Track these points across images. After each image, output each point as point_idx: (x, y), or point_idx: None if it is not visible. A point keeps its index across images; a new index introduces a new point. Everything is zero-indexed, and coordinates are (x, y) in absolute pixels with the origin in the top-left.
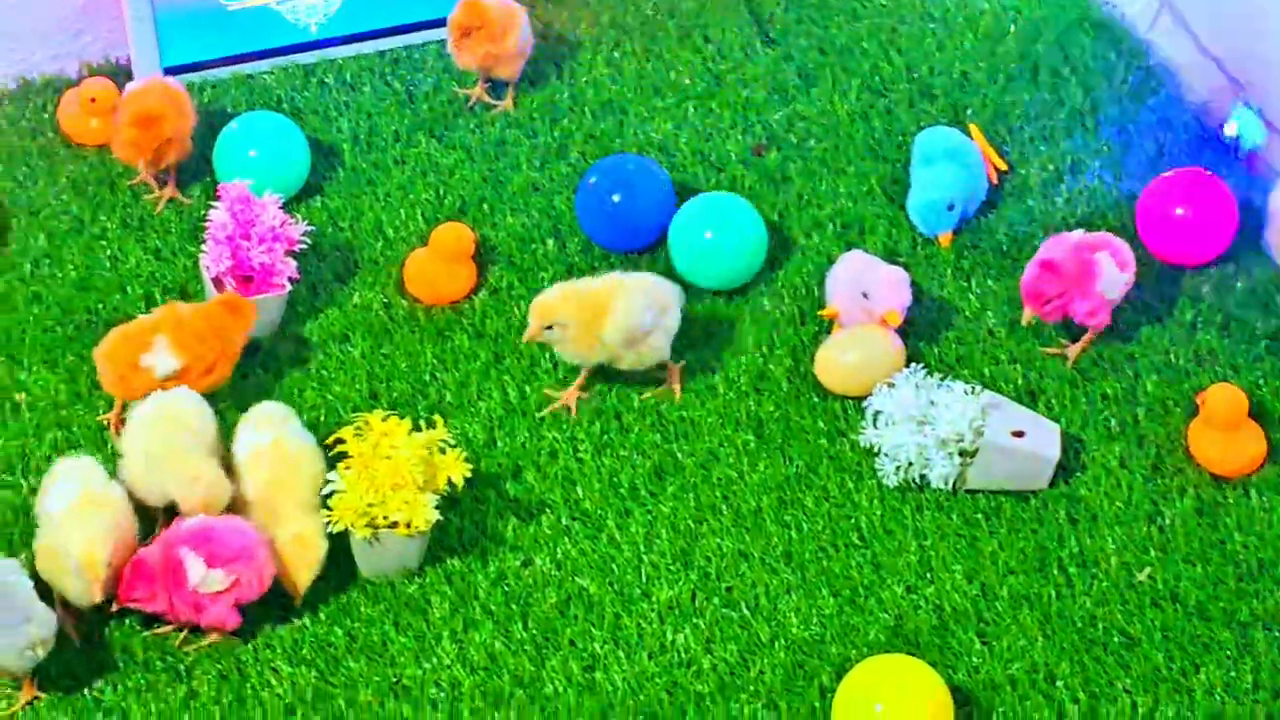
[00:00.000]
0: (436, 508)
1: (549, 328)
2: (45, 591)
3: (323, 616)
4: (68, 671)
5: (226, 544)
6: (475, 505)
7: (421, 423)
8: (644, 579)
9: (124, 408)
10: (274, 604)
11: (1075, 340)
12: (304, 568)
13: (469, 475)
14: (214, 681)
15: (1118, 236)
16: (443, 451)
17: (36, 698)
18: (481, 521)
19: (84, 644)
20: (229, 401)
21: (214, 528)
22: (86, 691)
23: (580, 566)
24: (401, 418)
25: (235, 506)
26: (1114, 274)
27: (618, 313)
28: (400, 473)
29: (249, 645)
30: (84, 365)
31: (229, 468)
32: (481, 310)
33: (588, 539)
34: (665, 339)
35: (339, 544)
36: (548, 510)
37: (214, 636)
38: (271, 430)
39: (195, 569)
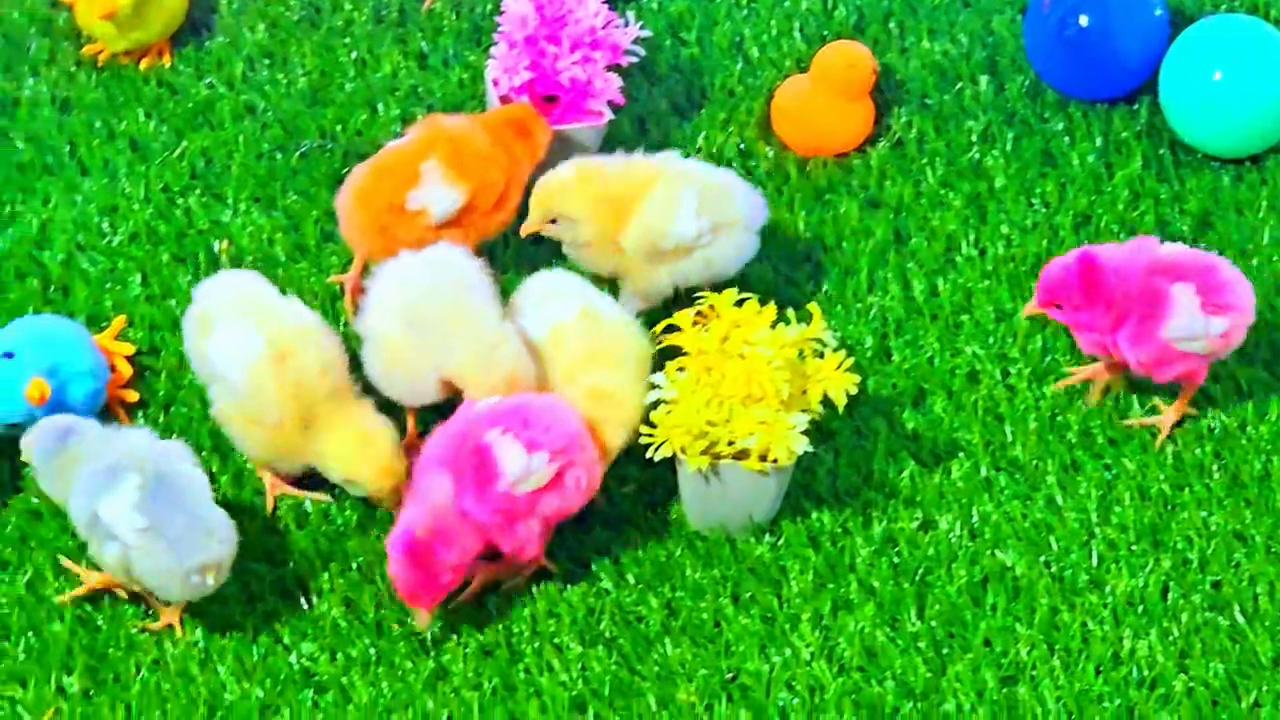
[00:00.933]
0: (804, 434)
1: (553, 221)
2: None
3: (630, 579)
4: (265, 621)
5: (548, 427)
6: (856, 439)
7: (790, 314)
8: (1095, 561)
9: (365, 270)
10: (562, 553)
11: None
12: (610, 424)
13: (853, 392)
14: (472, 658)
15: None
16: (819, 356)
17: (172, 627)
18: (864, 462)
19: (279, 592)
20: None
21: (529, 406)
22: (291, 657)
23: (1004, 537)
24: (762, 304)
25: None
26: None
27: (647, 213)
28: (757, 381)
29: (524, 610)
30: (312, 208)
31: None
32: (879, 168)
33: (1016, 499)
34: (725, 261)
35: (661, 478)
36: (961, 455)
37: (493, 576)
38: (574, 301)
39: (513, 457)
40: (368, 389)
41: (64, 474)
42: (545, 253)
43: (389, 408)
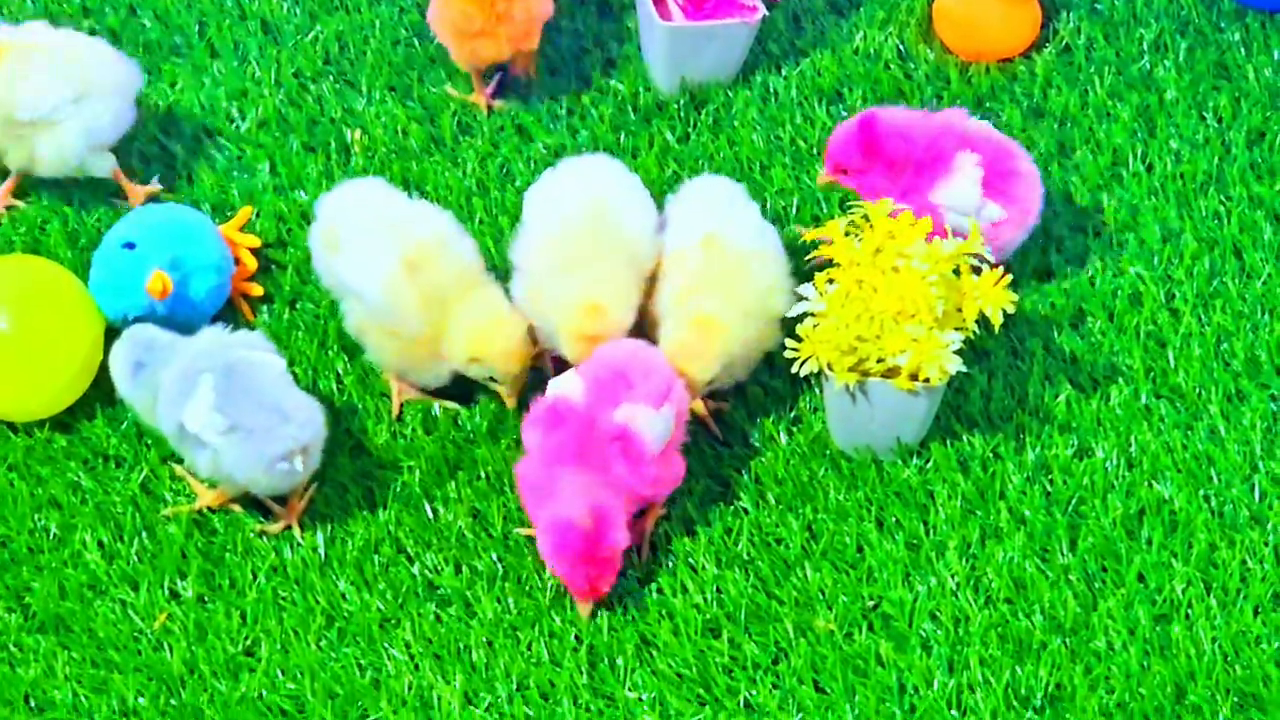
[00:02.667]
0: (958, 353)
1: None
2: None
3: (770, 499)
4: (388, 531)
5: (649, 376)
6: (1012, 360)
7: (945, 227)
8: (1257, 497)
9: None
10: (701, 470)
11: None
12: (697, 358)
13: (1010, 311)
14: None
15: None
16: (976, 272)
17: (290, 530)
18: (1019, 385)
19: (403, 502)
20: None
21: (620, 365)
22: (414, 568)
23: (1163, 467)
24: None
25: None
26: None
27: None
28: (910, 296)
29: (658, 529)
30: (448, 101)
31: None
32: (1045, 75)
33: (1178, 428)
34: (103, 132)
35: (806, 394)
36: (1120, 379)
37: (649, 528)
38: (705, 221)
39: (652, 425)
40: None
41: (146, 395)
42: None
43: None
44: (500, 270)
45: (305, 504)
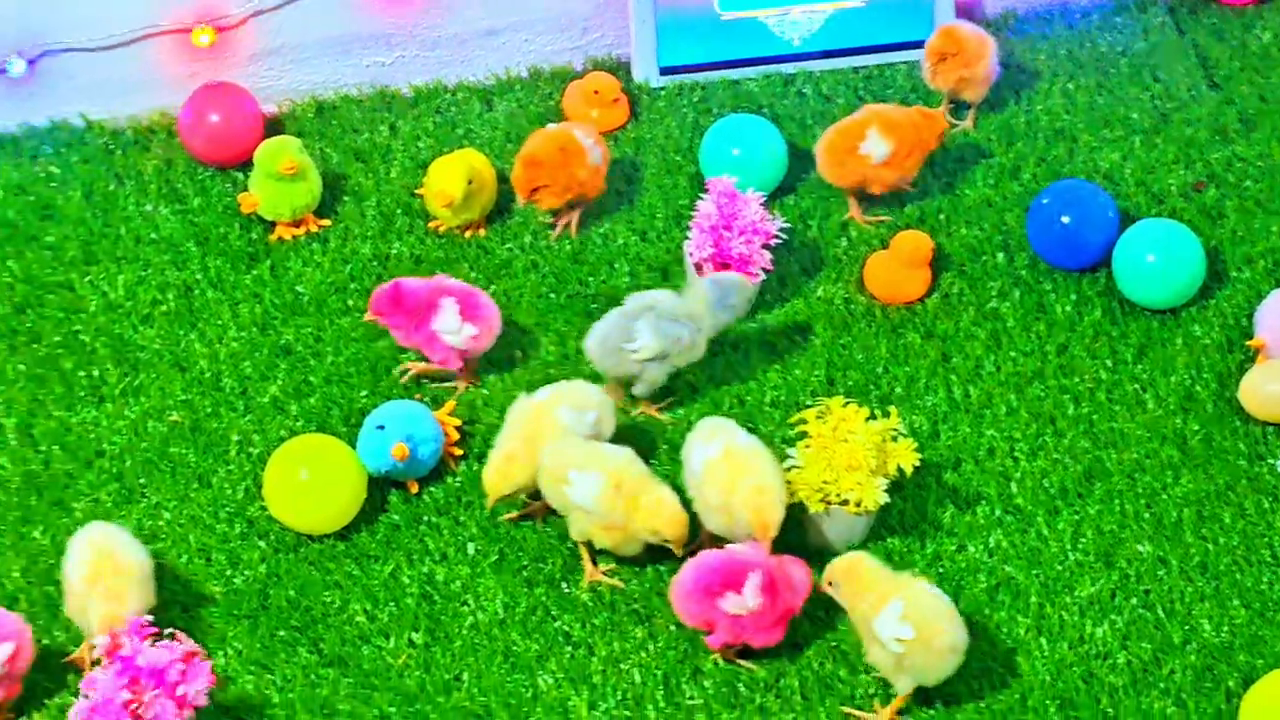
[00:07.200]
0: (885, 491)
1: None
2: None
3: None
4: (541, 603)
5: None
6: (917, 491)
7: (876, 411)
8: (1068, 574)
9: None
10: None
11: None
12: (767, 507)
13: (916, 463)
14: (673, 635)
15: None
16: (894, 440)
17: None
18: (922, 506)
19: (552, 587)
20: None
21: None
22: (556, 623)
23: (1010, 557)
24: (860, 406)
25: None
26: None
27: None
28: (855, 456)
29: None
30: (573, 330)
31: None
32: (934, 313)
33: (1018, 532)
34: None
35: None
36: (983, 502)
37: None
38: (721, 440)
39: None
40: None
41: None
42: None
43: None
44: None
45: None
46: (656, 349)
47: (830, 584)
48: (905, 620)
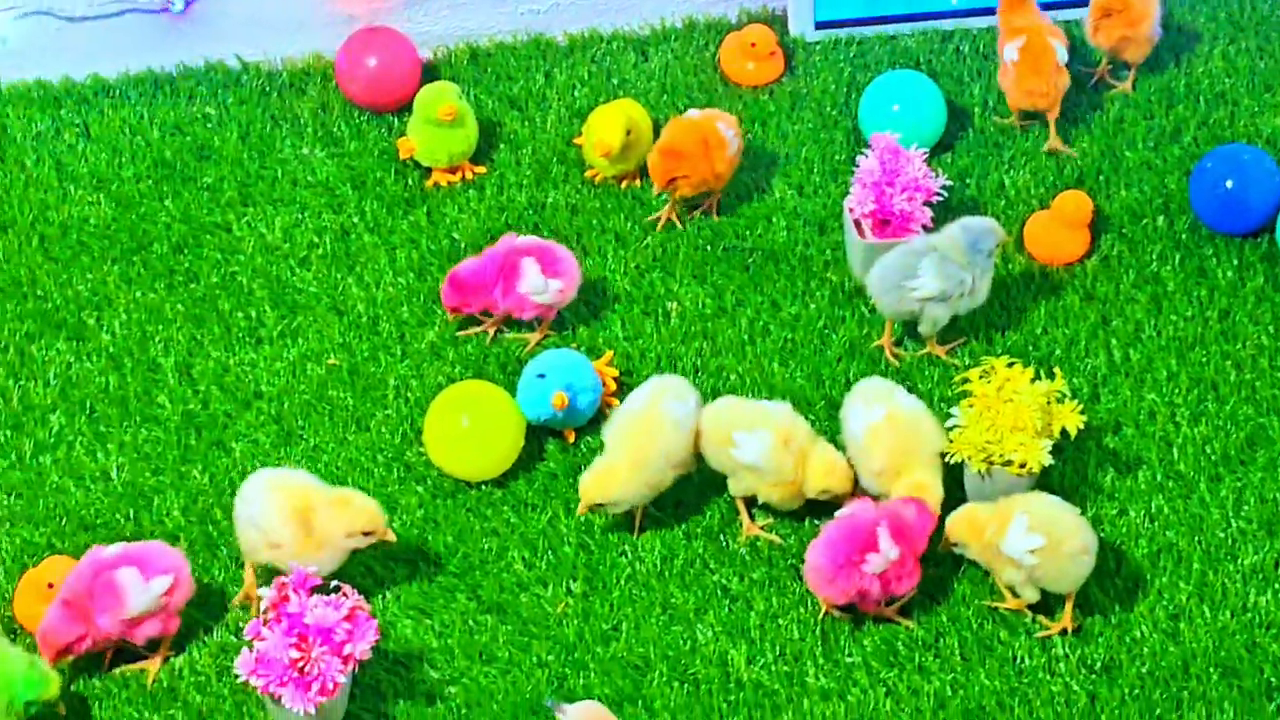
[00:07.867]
0: (1049, 451)
1: None
2: None
3: None
4: (699, 555)
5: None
6: (1076, 454)
7: (1040, 372)
8: (1230, 542)
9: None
10: None
11: None
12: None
13: (1080, 426)
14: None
15: None
16: (1060, 401)
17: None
18: (1082, 470)
19: (710, 540)
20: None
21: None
22: (714, 576)
23: (1171, 523)
24: (1025, 366)
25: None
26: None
27: None
28: (1021, 416)
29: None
30: (730, 284)
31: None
32: (1093, 274)
33: (1180, 498)
34: None
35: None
36: (1144, 467)
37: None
38: (882, 404)
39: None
40: None
41: None
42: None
43: None
44: None
45: None
46: (937, 289)
47: (954, 545)
48: (1033, 531)
